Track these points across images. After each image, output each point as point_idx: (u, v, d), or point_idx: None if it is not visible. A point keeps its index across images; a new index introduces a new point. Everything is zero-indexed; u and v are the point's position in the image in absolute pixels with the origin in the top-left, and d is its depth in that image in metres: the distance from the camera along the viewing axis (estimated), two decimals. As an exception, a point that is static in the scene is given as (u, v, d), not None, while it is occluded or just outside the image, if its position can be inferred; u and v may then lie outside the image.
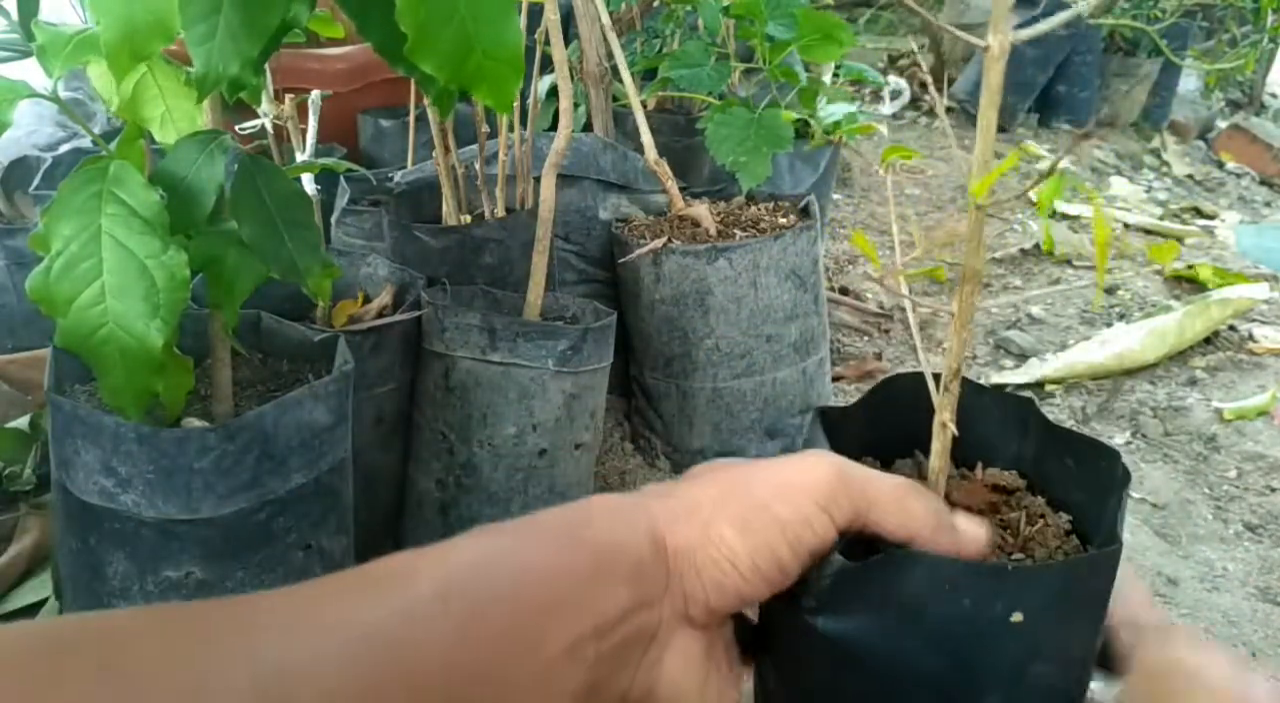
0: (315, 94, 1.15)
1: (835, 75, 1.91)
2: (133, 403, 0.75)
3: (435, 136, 1.24)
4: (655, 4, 1.85)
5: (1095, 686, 0.40)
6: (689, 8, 1.68)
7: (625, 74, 1.35)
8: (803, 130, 1.73)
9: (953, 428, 0.43)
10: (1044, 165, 2.83)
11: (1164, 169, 3.14)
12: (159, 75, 0.79)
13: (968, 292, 0.36)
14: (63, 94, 0.73)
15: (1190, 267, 2.22)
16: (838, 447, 0.49)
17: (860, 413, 0.64)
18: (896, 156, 0.48)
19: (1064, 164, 2.97)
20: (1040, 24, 0.32)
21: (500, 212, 1.33)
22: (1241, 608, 1.23)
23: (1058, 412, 1.74)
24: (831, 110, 1.69)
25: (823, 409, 0.67)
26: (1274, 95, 3.80)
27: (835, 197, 2.54)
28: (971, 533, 0.40)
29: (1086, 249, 2.37)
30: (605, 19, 1.38)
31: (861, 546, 0.41)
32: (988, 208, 0.32)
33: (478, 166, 1.32)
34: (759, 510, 0.37)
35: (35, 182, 1.53)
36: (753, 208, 1.47)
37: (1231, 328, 1.97)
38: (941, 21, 0.41)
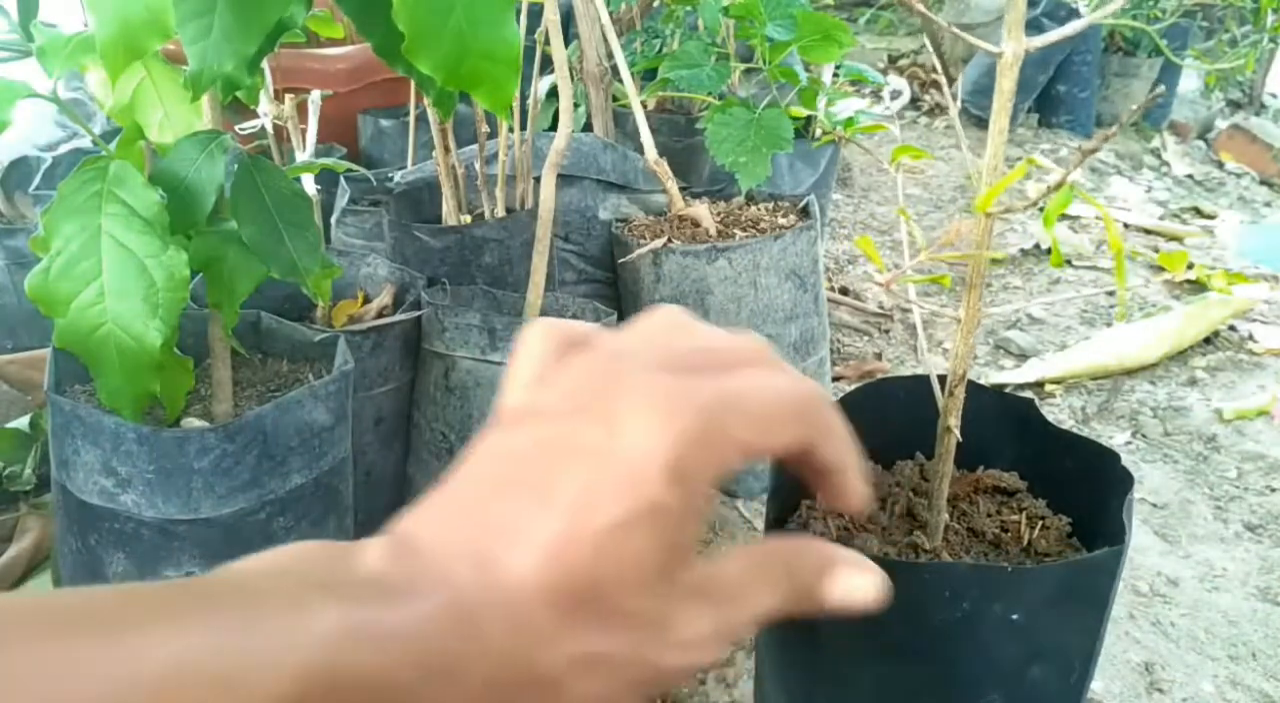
0: (315, 94, 1.15)
1: (835, 75, 1.91)
2: (130, 404, 0.75)
3: (435, 136, 1.24)
4: (655, 4, 1.85)
5: None
6: (689, 8, 1.68)
7: (625, 74, 1.35)
8: (802, 131, 1.73)
9: (957, 433, 0.43)
10: (1044, 162, 2.83)
11: (1164, 169, 3.14)
12: (157, 78, 0.79)
13: (974, 298, 0.36)
14: (63, 94, 0.73)
15: (1191, 265, 2.22)
16: None
17: (849, 413, 0.64)
18: (906, 156, 0.48)
19: (1054, 163, 2.96)
20: (1051, 33, 0.32)
21: (500, 212, 1.33)
22: (1241, 608, 1.23)
23: (1058, 412, 1.74)
24: (841, 107, 1.69)
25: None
26: (1274, 95, 3.80)
27: (835, 197, 2.54)
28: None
29: (1086, 249, 2.37)
30: (605, 19, 1.38)
31: None
32: (996, 216, 0.32)
33: (478, 166, 1.32)
34: None
35: (35, 182, 1.53)
36: (753, 208, 1.47)
37: (1231, 328, 1.97)
38: (941, 21, 0.41)
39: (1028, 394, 1.63)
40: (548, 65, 1.20)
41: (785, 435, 0.29)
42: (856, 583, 0.30)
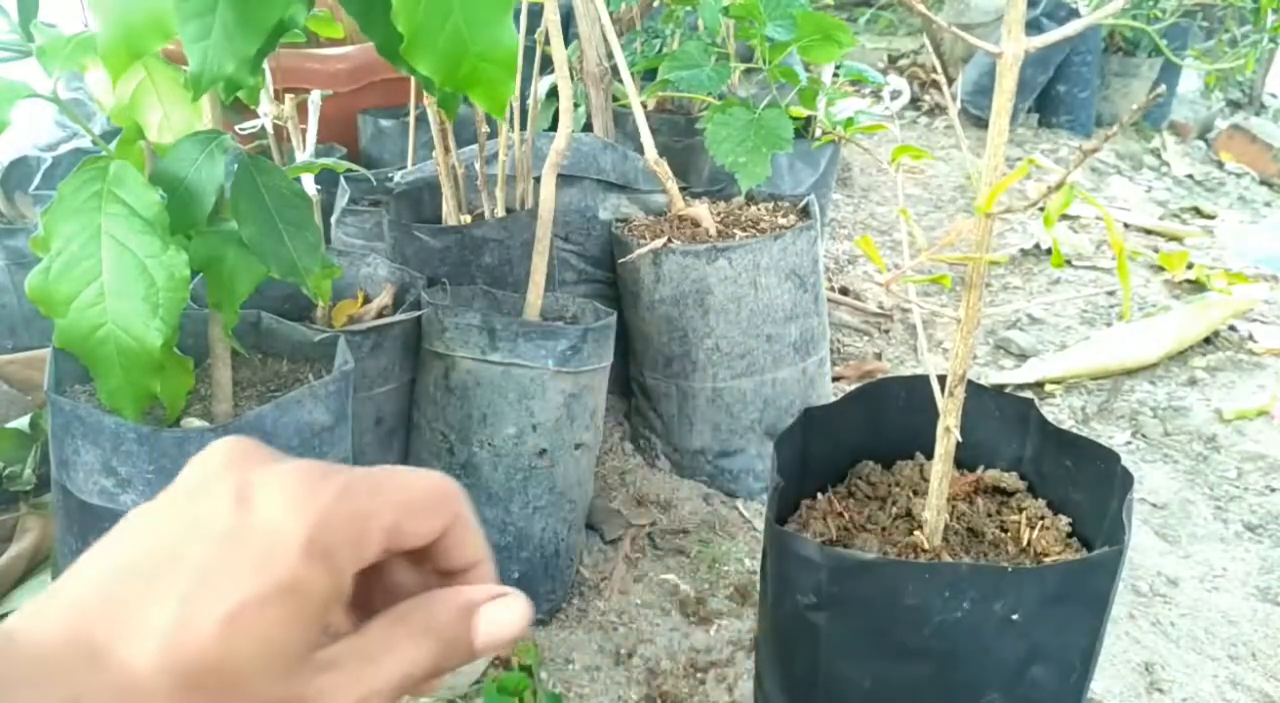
0: (315, 94, 1.15)
1: (835, 75, 1.91)
2: (131, 404, 0.75)
3: (435, 136, 1.24)
4: (655, 4, 1.85)
5: None
6: (689, 8, 1.68)
7: (625, 74, 1.35)
8: (802, 131, 1.73)
9: (956, 434, 0.43)
10: (1044, 163, 2.83)
11: (1164, 169, 3.14)
12: (157, 78, 0.79)
13: (974, 298, 0.36)
14: (63, 94, 0.73)
15: (1191, 265, 2.22)
16: (826, 446, 0.49)
17: (849, 414, 0.64)
18: (906, 156, 0.48)
19: (1054, 163, 2.96)
20: (1051, 33, 0.32)
21: (500, 212, 1.33)
22: (1241, 608, 1.23)
23: (1058, 412, 1.74)
24: (841, 107, 1.69)
25: (809, 410, 0.67)
26: (1274, 95, 3.80)
27: (835, 197, 2.54)
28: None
29: (1086, 249, 2.37)
30: (605, 19, 1.38)
31: None
32: (995, 216, 0.32)
33: (478, 166, 1.32)
34: None
35: (35, 182, 1.53)
36: (753, 208, 1.47)
37: (1231, 328, 1.97)
38: (941, 21, 0.41)
39: (1028, 394, 1.63)
40: (548, 65, 1.20)
41: (430, 521, 0.28)
42: (496, 617, 0.29)
